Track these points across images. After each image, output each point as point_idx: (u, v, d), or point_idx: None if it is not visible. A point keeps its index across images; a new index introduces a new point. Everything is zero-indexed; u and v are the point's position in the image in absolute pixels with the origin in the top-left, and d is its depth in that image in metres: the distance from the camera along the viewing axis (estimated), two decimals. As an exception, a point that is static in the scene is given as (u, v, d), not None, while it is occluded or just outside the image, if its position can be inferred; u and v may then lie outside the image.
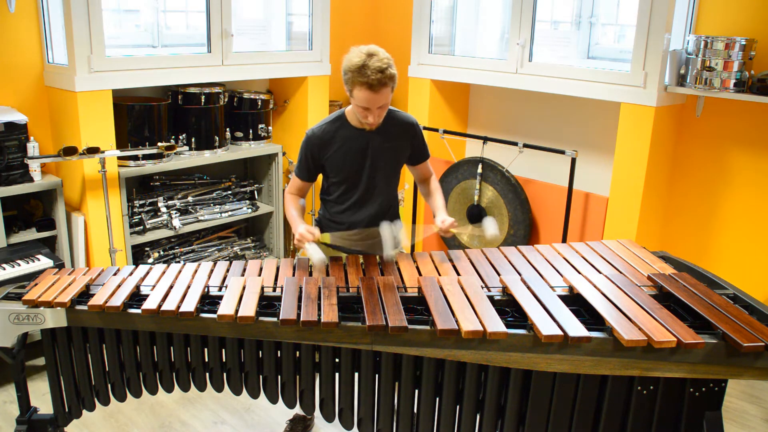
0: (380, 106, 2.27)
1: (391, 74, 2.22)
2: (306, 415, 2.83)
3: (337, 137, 2.41)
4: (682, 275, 2.09)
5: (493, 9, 4.19)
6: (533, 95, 3.87)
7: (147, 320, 1.94)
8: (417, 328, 1.81)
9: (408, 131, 2.50)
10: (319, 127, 2.44)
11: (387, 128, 2.43)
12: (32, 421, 2.20)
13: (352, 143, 2.40)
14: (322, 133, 2.42)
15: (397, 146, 2.47)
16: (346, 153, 2.41)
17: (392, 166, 2.50)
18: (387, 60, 2.23)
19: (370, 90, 2.20)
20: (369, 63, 2.19)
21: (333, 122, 2.44)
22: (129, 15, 3.77)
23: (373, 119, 2.30)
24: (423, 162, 2.61)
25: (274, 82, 4.34)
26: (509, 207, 3.71)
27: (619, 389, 1.80)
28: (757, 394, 3.23)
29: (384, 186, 2.48)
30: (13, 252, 3.16)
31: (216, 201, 3.97)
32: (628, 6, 3.66)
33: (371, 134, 2.41)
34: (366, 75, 2.18)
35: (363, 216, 2.48)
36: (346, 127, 2.42)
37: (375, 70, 2.18)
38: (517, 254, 2.33)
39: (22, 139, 3.19)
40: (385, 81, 2.20)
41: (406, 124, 2.49)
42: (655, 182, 3.35)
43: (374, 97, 2.22)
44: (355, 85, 2.23)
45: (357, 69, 2.20)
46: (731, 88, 3.03)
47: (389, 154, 2.45)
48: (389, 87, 2.24)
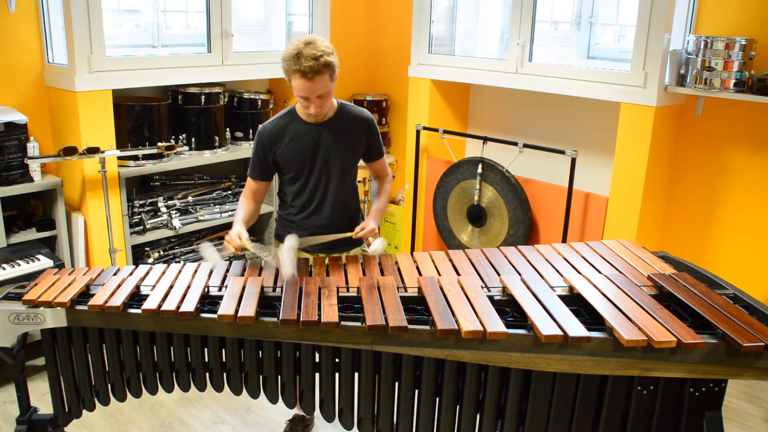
0: (319, 95, 2.25)
1: (326, 62, 2.19)
2: (305, 415, 2.83)
3: (288, 131, 2.39)
4: (682, 275, 2.09)
5: (493, 9, 4.19)
6: (533, 95, 3.87)
7: (147, 320, 1.94)
8: (417, 328, 1.81)
9: (362, 127, 2.47)
10: (270, 122, 2.43)
11: (339, 123, 2.42)
12: (32, 421, 2.20)
13: (303, 137, 2.39)
14: (272, 128, 2.41)
15: (351, 141, 2.45)
16: (297, 147, 2.39)
17: (346, 162, 2.46)
18: (324, 48, 2.20)
19: (304, 78, 2.18)
20: (304, 51, 2.17)
21: (284, 117, 2.42)
22: (129, 15, 3.77)
23: (314, 109, 2.28)
24: (378, 160, 2.59)
25: (274, 82, 4.34)
26: (509, 207, 3.71)
27: (619, 389, 1.80)
28: (757, 394, 3.23)
29: (338, 181, 2.45)
30: (13, 252, 3.16)
31: (216, 201, 3.97)
32: (628, 6, 3.66)
33: (323, 129, 2.39)
34: (300, 63, 2.16)
35: (320, 211, 2.47)
36: (297, 121, 2.40)
37: (309, 57, 2.16)
38: (517, 254, 2.33)
39: (22, 139, 3.19)
40: (318, 68, 2.17)
41: (359, 120, 2.47)
42: (655, 182, 3.35)
43: (310, 85, 2.20)
44: (291, 74, 2.22)
45: (292, 57, 2.19)
46: (731, 88, 3.03)
47: (342, 149, 2.42)
48: (326, 75, 2.21)
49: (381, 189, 2.62)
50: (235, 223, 2.37)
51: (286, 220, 2.55)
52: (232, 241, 2.28)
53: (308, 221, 2.49)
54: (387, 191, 2.62)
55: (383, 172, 2.63)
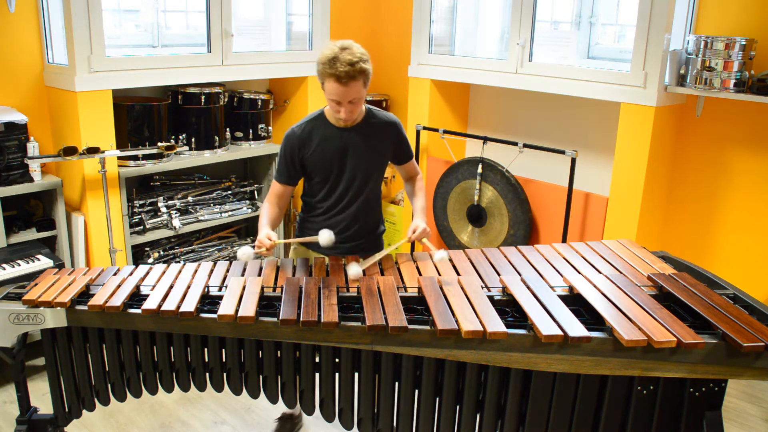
0: (351, 100, 2.25)
1: (361, 68, 2.19)
2: (294, 414, 2.84)
3: (316, 136, 2.39)
4: (682, 275, 2.09)
5: (493, 9, 4.19)
6: (533, 95, 3.87)
7: (147, 320, 1.94)
8: (417, 328, 1.81)
9: (389, 131, 2.48)
10: (299, 126, 2.42)
11: (367, 127, 2.42)
12: (32, 421, 2.20)
13: (332, 142, 2.38)
14: (301, 132, 2.40)
15: (378, 146, 2.45)
16: (325, 151, 2.39)
17: (374, 166, 2.47)
18: (360, 54, 2.21)
19: (338, 82, 2.19)
20: (340, 56, 2.17)
21: (312, 121, 2.42)
22: (129, 15, 3.77)
23: (345, 114, 2.28)
24: (407, 162, 2.60)
25: (274, 82, 4.34)
26: (509, 207, 3.71)
27: (619, 389, 1.80)
28: (757, 394, 3.23)
29: (366, 185, 2.46)
30: (13, 252, 3.16)
31: (216, 201, 3.97)
32: (628, 6, 3.66)
33: (351, 133, 2.39)
34: (335, 67, 2.17)
35: (345, 212, 2.47)
36: (325, 125, 2.40)
37: (345, 62, 2.16)
38: (517, 254, 2.33)
39: (22, 139, 3.19)
40: (354, 74, 2.18)
41: (386, 124, 2.47)
42: (655, 182, 3.35)
43: (344, 90, 2.20)
44: (325, 77, 2.22)
45: (328, 61, 2.19)
46: (731, 88, 3.03)
47: (370, 153, 2.43)
48: (360, 81, 2.21)
49: (416, 188, 2.63)
50: (261, 227, 2.36)
51: (308, 221, 2.54)
52: (263, 244, 2.26)
53: (331, 221, 2.49)
54: (422, 189, 2.63)
55: (413, 171, 2.64)
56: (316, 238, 2.36)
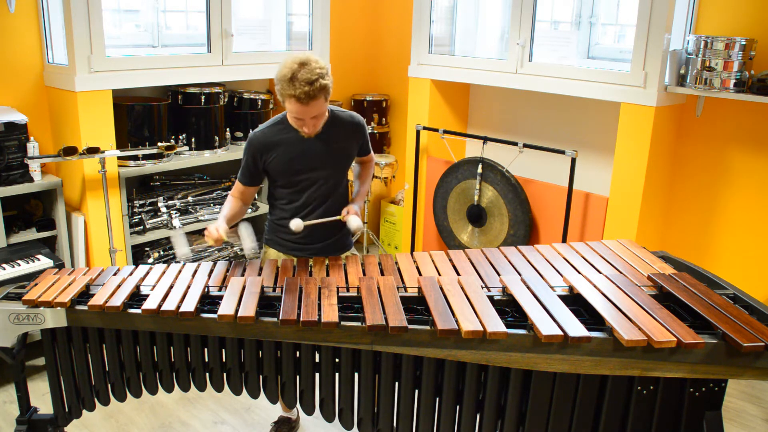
0: (314, 116, 2.24)
1: (321, 85, 2.16)
2: (291, 418, 2.84)
3: (278, 141, 2.36)
4: (682, 275, 2.09)
5: (493, 9, 4.19)
6: (533, 95, 3.87)
7: (147, 320, 1.94)
8: (417, 328, 1.81)
9: (354, 132, 2.47)
10: (261, 131, 2.39)
11: (331, 130, 2.39)
12: (32, 421, 2.20)
13: (295, 147, 2.36)
14: (263, 137, 2.37)
15: (343, 147, 2.44)
16: (288, 157, 2.36)
17: (339, 168, 2.45)
18: (319, 70, 2.17)
19: (299, 103, 2.17)
20: (299, 75, 2.14)
21: (275, 125, 2.39)
22: (129, 15, 3.77)
23: (308, 129, 2.27)
24: (365, 156, 2.62)
25: (274, 82, 4.33)
26: (509, 207, 3.71)
27: (619, 389, 1.80)
28: (757, 394, 3.23)
29: (332, 186, 2.44)
30: (13, 252, 3.16)
31: (216, 201, 3.97)
32: (628, 6, 3.66)
33: (315, 138, 2.36)
34: (294, 87, 2.14)
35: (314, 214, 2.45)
36: (288, 130, 2.37)
37: (303, 82, 2.13)
38: (517, 254, 2.33)
39: (22, 139, 3.19)
40: (313, 93, 2.15)
41: (351, 125, 2.46)
42: (655, 182, 3.35)
43: (305, 109, 2.19)
44: (285, 98, 2.20)
45: (287, 81, 2.16)
46: (731, 88, 3.03)
47: (335, 156, 2.41)
48: (321, 98, 2.19)
49: (364, 172, 2.65)
50: (219, 218, 2.38)
51: (276, 224, 2.52)
52: (210, 234, 2.29)
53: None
54: (370, 175, 2.65)
55: (368, 157, 2.65)
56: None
